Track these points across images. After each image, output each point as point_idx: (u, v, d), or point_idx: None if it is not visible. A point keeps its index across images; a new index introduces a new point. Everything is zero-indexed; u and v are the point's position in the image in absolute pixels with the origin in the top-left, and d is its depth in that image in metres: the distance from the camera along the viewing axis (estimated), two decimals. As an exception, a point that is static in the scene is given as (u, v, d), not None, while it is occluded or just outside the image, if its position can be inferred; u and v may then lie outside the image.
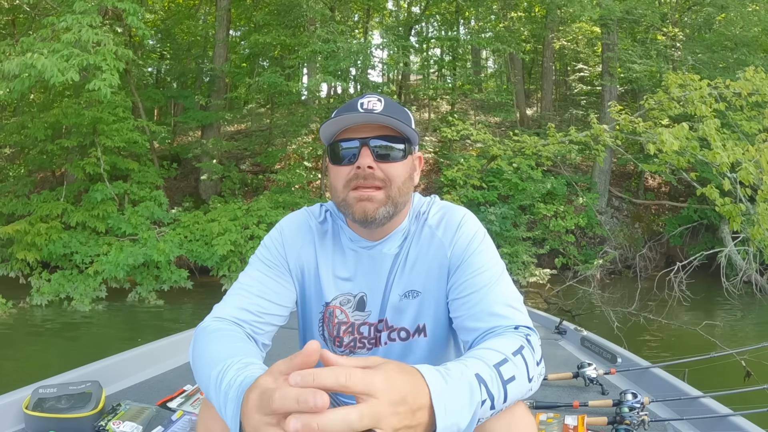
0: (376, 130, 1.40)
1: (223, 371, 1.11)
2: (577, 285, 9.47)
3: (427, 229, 1.53)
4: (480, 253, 1.46)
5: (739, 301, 9.49)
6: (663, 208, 15.04)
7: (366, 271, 1.53)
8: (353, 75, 13.48)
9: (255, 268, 1.52)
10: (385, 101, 1.42)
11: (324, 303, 1.55)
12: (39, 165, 12.78)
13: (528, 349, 1.22)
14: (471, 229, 1.50)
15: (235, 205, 11.18)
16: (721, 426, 2.14)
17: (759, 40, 13.54)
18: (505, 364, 1.12)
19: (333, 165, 1.44)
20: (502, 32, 15.62)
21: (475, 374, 1.05)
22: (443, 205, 1.58)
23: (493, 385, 1.06)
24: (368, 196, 1.38)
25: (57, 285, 9.46)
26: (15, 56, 7.99)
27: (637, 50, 13.74)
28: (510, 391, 1.10)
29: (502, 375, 1.10)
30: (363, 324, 1.54)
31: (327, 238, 1.57)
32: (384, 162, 1.39)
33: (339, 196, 1.43)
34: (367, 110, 1.39)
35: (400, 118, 1.39)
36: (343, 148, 1.41)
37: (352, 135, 1.40)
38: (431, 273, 1.50)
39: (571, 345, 3.50)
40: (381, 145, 1.39)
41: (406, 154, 1.44)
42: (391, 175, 1.40)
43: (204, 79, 16.14)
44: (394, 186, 1.41)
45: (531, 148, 10.53)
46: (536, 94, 21.44)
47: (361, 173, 1.38)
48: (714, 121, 8.03)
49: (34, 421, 2.11)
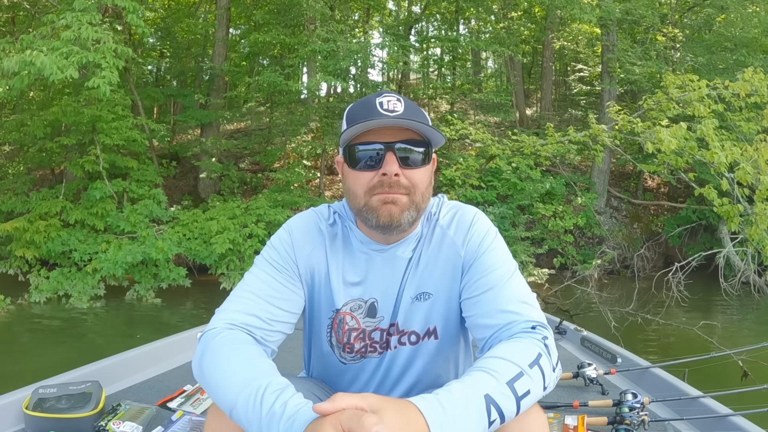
0: (399, 133, 1.34)
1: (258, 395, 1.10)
2: (575, 285, 9.47)
3: (439, 229, 1.50)
4: (492, 251, 1.44)
5: (737, 302, 9.50)
6: (662, 209, 15.05)
7: (378, 275, 1.48)
8: (353, 74, 13.47)
9: (263, 270, 1.44)
10: (405, 101, 1.37)
11: (334, 309, 1.50)
12: (38, 163, 12.78)
13: (545, 357, 1.20)
14: (483, 228, 1.48)
15: (233, 204, 11.18)
16: (721, 426, 2.14)
17: (759, 41, 13.53)
18: (520, 379, 1.11)
19: (351, 169, 1.38)
20: (501, 34, 15.61)
21: (484, 395, 1.04)
22: (453, 205, 1.55)
23: (504, 403, 1.06)
24: (393, 199, 1.33)
25: (55, 282, 9.47)
26: (14, 54, 7.97)
27: (636, 51, 13.75)
28: (524, 406, 1.10)
29: (516, 391, 1.09)
30: (374, 330, 1.50)
31: (337, 241, 1.51)
32: (408, 168, 1.35)
33: (360, 201, 1.37)
34: (387, 111, 1.33)
35: (422, 120, 1.35)
36: (363, 151, 1.35)
37: (373, 138, 1.34)
38: (444, 273, 1.47)
39: (571, 345, 3.50)
40: (405, 149, 1.34)
41: (429, 158, 1.40)
42: (416, 182, 1.36)
43: (203, 77, 16.13)
44: (419, 192, 1.37)
45: (529, 148, 10.53)
46: (536, 94, 21.44)
47: (387, 180, 1.32)
48: (712, 120, 8.04)
49: (34, 421, 2.11)
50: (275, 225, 10.84)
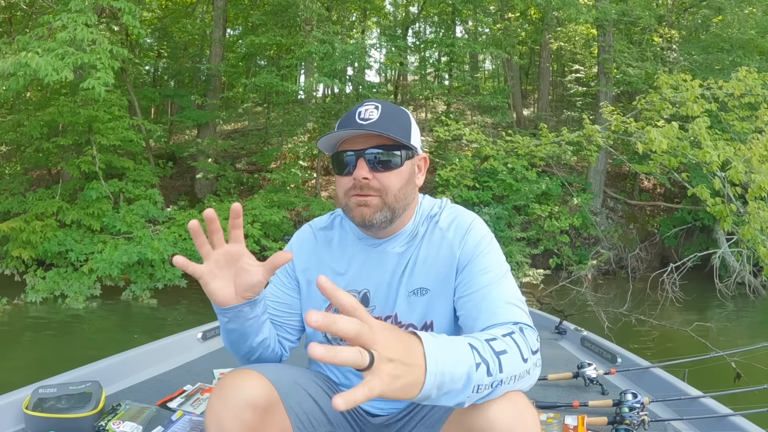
0: (372, 140, 1.48)
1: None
2: (570, 286, 9.47)
3: (438, 230, 1.60)
4: (486, 255, 1.54)
5: (732, 303, 9.52)
6: (658, 209, 15.09)
7: (371, 268, 1.61)
8: (349, 75, 13.47)
9: (271, 283, 1.67)
10: (382, 108, 1.50)
11: (328, 302, 1.58)
12: (35, 163, 12.73)
13: (519, 335, 1.26)
14: (480, 232, 1.58)
15: (229, 204, 11.14)
16: (721, 426, 2.15)
17: (755, 42, 13.57)
18: (495, 341, 1.16)
19: (336, 174, 1.57)
20: (498, 36, 15.63)
21: (467, 342, 1.09)
22: (454, 209, 1.66)
23: (485, 352, 1.10)
24: (365, 202, 1.49)
25: (52, 283, 9.43)
26: (11, 54, 7.96)
27: (633, 52, 13.78)
28: (504, 363, 1.13)
29: (493, 347, 1.14)
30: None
31: (333, 242, 1.68)
32: (380, 171, 1.49)
33: (342, 202, 1.55)
34: (363, 119, 1.47)
35: (396, 125, 1.48)
36: (342, 159, 1.52)
37: (349, 146, 1.50)
38: (440, 271, 1.56)
39: (571, 345, 3.51)
40: (376, 155, 1.49)
41: (404, 160, 1.52)
42: (386, 185, 1.49)
43: (201, 78, 16.12)
44: (390, 194, 1.50)
45: (523, 149, 10.53)
46: (533, 95, 21.47)
47: (357, 183, 1.48)
48: (704, 119, 8.04)
49: (34, 421, 2.10)
50: (271, 225, 10.84)
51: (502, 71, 18.81)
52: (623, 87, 14.21)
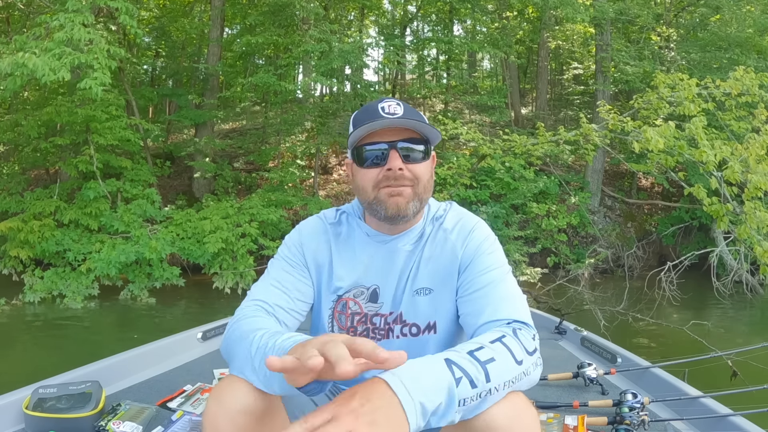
0: (400, 133, 1.51)
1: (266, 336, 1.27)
2: (567, 284, 9.47)
3: (442, 231, 1.63)
4: (488, 255, 1.57)
5: (729, 301, 9.52)
6: (656, 208, 15.09)
7: (380, 264, 1.63)
8: (347, 74, 13.44)
9: (279, 266, 1.64)
10: (404, 105, 1.53)
11: (337, 295, 1.64)
12: (32, 163, 12.72)
13: (510, 338, 1.28)
14: (483, 234, 1.62)
15: (227, 204, 11.14)
16: (721, 426, 2.16)
17: (753, 41, 13.57)
18: (480, 350, 1.18)
19: (360, 168, 1.55)
20: (495, 35, 15.62)
21: (444, 359, 1.11)
22: (459, 211, 1.70)
23: (466, 365, 1.12)
24: (399, 192, 1.50)
25: (50, 282, 9.44)
26: (8, 54, 7.94)
27: (630, 51, 13.77)
28: (492, 371, 1.15)
29: (477, 358, 1.15)
30: (375, 315, 1.63)
31: (341, 237, 1.68)
32: (410, 163, 1.51)
33: (369, 195, 1.54)
34: (389, 114, 1.49)
35: (420, 121, 1.51)
36: (370, 151, 1.52)
37: (377, 139, 1.51)
38: (443, 272, 1.60)
39: (571, 345, 3.51)
40: (407, 147, 1.51)
41: (428, 155, 1.56)
42: (418, 174, 1.52)
43: (198, 77, 16.10)
44: (421, 184, 1.53)
45: (520, 148, 10.53)
46: (531, 94, 21.46)
47: (392, 174, 1.49)
48: (700, 119, 8.04)
49: (34, 421, 2.11)
50: (268, 224, 10.85)
51: (500, 70, 18.79)
52: (621, 85, 14.21)
